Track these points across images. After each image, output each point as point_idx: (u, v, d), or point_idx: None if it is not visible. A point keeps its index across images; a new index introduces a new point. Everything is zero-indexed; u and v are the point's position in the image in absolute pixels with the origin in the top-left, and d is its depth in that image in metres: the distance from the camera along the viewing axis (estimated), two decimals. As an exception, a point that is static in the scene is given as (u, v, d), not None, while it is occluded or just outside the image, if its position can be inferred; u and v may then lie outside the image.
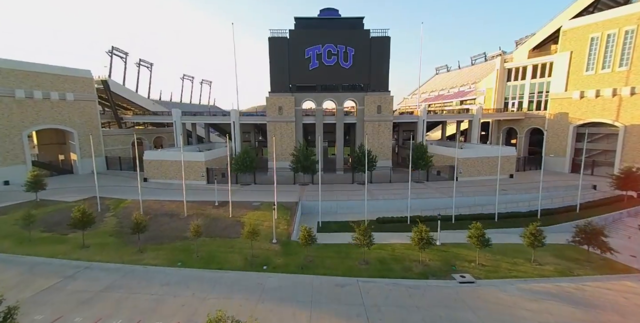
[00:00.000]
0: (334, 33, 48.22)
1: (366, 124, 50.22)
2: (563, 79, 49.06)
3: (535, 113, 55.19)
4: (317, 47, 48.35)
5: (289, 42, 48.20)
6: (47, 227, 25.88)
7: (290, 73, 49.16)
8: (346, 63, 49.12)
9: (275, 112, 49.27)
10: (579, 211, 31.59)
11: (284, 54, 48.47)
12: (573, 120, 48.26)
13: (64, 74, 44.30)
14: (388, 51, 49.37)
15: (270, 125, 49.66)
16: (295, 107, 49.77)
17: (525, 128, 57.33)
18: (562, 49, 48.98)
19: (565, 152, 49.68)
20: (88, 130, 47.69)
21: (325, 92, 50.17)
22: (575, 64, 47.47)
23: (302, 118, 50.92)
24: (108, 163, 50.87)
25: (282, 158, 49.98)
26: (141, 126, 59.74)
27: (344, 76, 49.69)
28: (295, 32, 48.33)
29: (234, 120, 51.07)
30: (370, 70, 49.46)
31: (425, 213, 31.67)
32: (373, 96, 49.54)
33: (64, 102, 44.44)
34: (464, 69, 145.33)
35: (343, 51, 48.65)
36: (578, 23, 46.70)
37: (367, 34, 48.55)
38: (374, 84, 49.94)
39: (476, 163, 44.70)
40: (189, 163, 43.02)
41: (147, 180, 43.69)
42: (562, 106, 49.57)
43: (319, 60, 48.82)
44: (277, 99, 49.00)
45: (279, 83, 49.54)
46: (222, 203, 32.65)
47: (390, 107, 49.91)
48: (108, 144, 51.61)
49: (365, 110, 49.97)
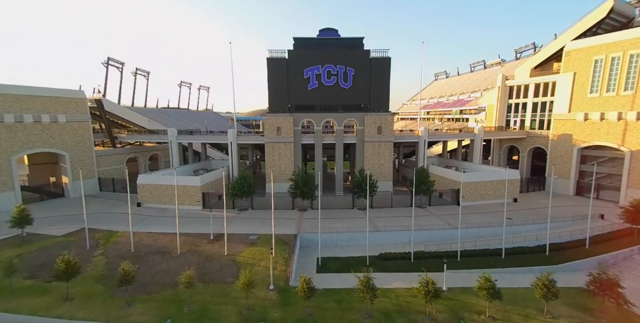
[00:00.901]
0: (333, 53, 47.38)
1: (366, 145, 49.20)
2: (566, 100, 48.30)
3: (538, 132, 54.33)
4: (317, 68, 47.46)
5: (288, 63, 47.29)
6: (31, 272, 24.42)
7: (289, 93, 48.19)
8: (346, 83, 48.23)
9: (274, 132, 48.15)
10: (589, 246, 30.44)
11: (283, 74, 47.54)
12: (577, 142, 47.38)
13: (56, 95, 43.05)
14: (388, 71, 48.55)
15: (268, 146, 48.51)
16: (294, 127, 48.70)
17: (527, 147, 56.44)
18: (565, 70, 48.30)
19: (569, 174, 48.73)
20: (80, 152, 46.35)
21: (325, 112, 49.17)
22: (578, 86, 46.75)
23: (301, 138, 49.83)
24: (101, 185, 49.39)
25: (281, 179, 48.78)
26: (137, 143, 58.37)
27: (344, 96, 48.78)
28: (294, 52, 47.44)
29: (231, 141, 49.86)
30: (371, 91, 48.57)
31: (429, 248, 30.41)
32: (373, 117, 48.56)
33: (56, 124, 43.12)
34: (463, 75, 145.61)
35: (343, 71, 47.79)
36: (581, 44, 46.08)
37: (367, 54, 47.74)
38: (374, 104, 49.01)
39: (479, 187, 43.62)
40: (184, 187, 41.70)
41: (140, 205, 42.26)
42: (566, 127, 48.74)
43: (318, 81, 47.93)
44: (276, 120, 47.92)
45: (278, 103, 48.54)
46: (218, 236, 31.27)
47: (390, 128, 48.93)
48: (101, 165, 50.18)
49: (365, 130, 48.96)
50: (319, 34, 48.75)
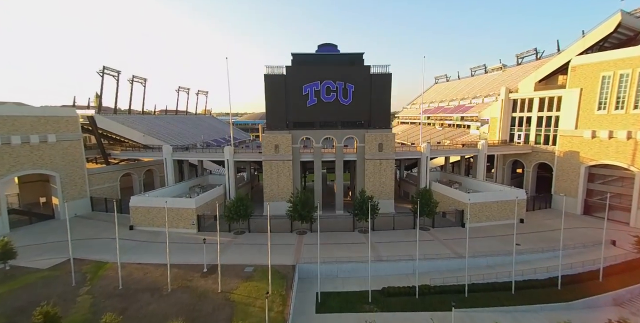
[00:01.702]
0: (332, 69, 46.01)
1: (367, 162, 47.72)
2: (573, 116, 46.90)
3: (543, 148, 52.89)
4: (315, 84, 46.08)
5: (286, 79, 45.91)
6: (9, 317, 22.76)
7: (287, 110, 46.76)
8: (346, 100, 46.83)
9: (272, 150, 46.68)
10: (602, 279, 28.89)
11: (281, 91, 46.14)
12: (584, 160, 45.91)
13: (46, 115, 41.51)
14: (389, 88, 47.19)
15: (266, 164, 47.03)
16: (293, 145, 47.26)
17: (532, 162, 54.98)
18: (571, 85, 46.95)
19: (577, 192, 47.21)
20: (72, 171, 44.77)
21: (324, 129, 47.69)
22: (585, 102, 45.37)
23: (300, 155, 48.37)
24: (93, 204, 47.79)
25: (279, 197, 47.38)
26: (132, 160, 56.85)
27: (344, 113, 47.33)
28: (292, 68, 46.06)
29: (227, 158, 48.36)
30: (371, 107, 47.17)
31: (435, 281, 28.80)
32: (374, 134, 47.12)
33: (45, 144, 41.57)
34: (464, 79, 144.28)
35: (342, 87, 46.41)
36: (588, 60, 44.75)
37: (368, 70, 46.39)
38: (375, 121, 47.59)
39: (485, 208, 42.11)
40: (178, 210, 40.20)
41: (133, 228, 40.69)
42: (572, 144, 47.30)
43: (317, 97, 46.52)
44: (274, 137, 46.47)
45: (276, 120, 47.10)
46: (212, 268, 29.67)
47: (392, 145, 47.46)
48: (94, 183, 48.59)
49: (366, 147, 47.51)
50: (318, 49, 47.39)
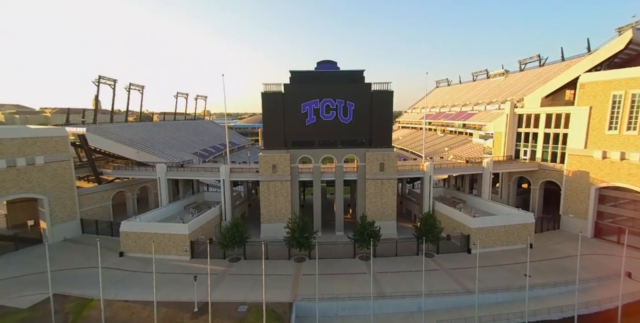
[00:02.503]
0: (332, 87, 44.42)
1: (368, 182, 45.97)
2: (582, 134, 45.14)
3: (551, 165, 51.06)
4: (314, 102, 44.46)
5: (284, 97, 44.32)
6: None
7: (285, 129, 45.10)
8: (346, 118, 45.18)
9: (269, 170, 44.97)
10: (621, 319, 26.94)
11: (279, 109, 44.53)
12: (594, 181, 44.07)
13: (33, 136, 39.88)
14: (390, 106, 45.59)
15: (263, 184, 45.29)
16: (291, 165, 45.55)
17: (539, 180, 53.12)
18: (580, 103, 45.25)
19: (587, 214, 45.31)
20: (61, 193, 43.03)
21: (324, 148, 46.01)
22: (595, 121, 43.64)
23: (298, 175, 46.65)
24: (83, 226, 45.99)
25: (277, 219, 45.64)
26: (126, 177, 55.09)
27: (344, 131, 45.66)
28: (290, 86, 44.49)
29: (223, 178, 46.62)
30: (372, 126, 45.48)
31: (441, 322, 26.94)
32: (375, 153, 45.40)
33: (33, 167, 39.90)
34: (465, 84, 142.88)
35: (342, 106, 44.78)
36: (597, 77, 43.09)
37: (368, 88, 44.78)
38: (376, 139, 45.87)
39: (492, 233, 40.27)
40: (170, 236, 38.39)
41: (123, 255, 38.88)
42: (582, 164, 45.49)
43: (317, 116, 44.89)
44: (271, 157, 44.77)
45: (274, 139, 45.44)
46: (203, 306, 27.81)
47: (394, 165, 45.68)
48: (84, 204, 46.82)
49: (366, 167, 45.77)
50: (317, 67, 45.82)
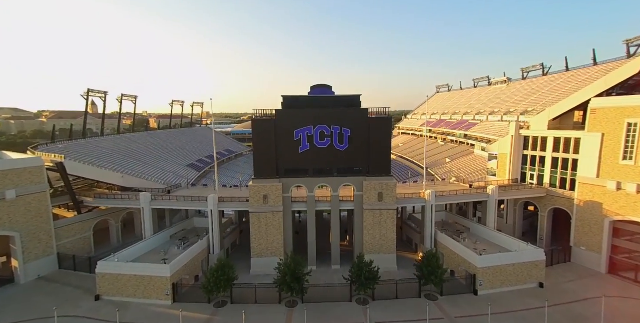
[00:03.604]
0: (327, 113, 41.83)
1: (366, 213, 43.13)
2: (594, 162, 42.29)
3: (560, 192, 48.13)
4: (308, 129, 41.78)
5: (276, 123, 41.68)
6: None
7: (277, 157, 42.40)
8: (341, 145, 42.46)
9: (260, 201, 42.11)
10: None
11: (270, 137, 41.88)
12: (608, 213, 41.10)
13: (4, 168, 37.03)
14: (389, 132, 43.05)
15: (253, 216, 42.40)
16: (284, 194, 42.70)
17: (547, 206, 50.16)
18: (591, 129, 42.48)
19: (600, 248, 42.23)
20: (35, 228, 40.07)
21: (318, 177, 43.23)
22: (608, 149, 40.82)
23: (291, 205, 43.77)
24: (60, 261, 42.87)
25: (268, 253, 42.71)
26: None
27: (340, 159, 42.94)
28: (282, 112, 41.87)
29: (211, 209, 43.67)
30: (370, 153, 42.76)
31: None
32: (373, 182, 42.59)
33: (3, 202, 36.99)
34: (466, 90, 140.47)
35: (338, 132, 42.11)
36: (610, 103, 40.41)
37: (365, 114, 42.15)
38: (374, 167, 43.12)
39: (499, 272, 37.25)
40: (150, 278, 35.33)
41: (99, 298, 35.79)
42: (594, 194, 42.57)
43: (311, 143, 42.20)
44: (262, 187, 41.96)
45: (265, 168, 42.69)
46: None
47: (393, 194, 42.84)
48: (62, 237, 43.81)
49: (364, 197, 42.96)
50: (311, 91, 43.25)
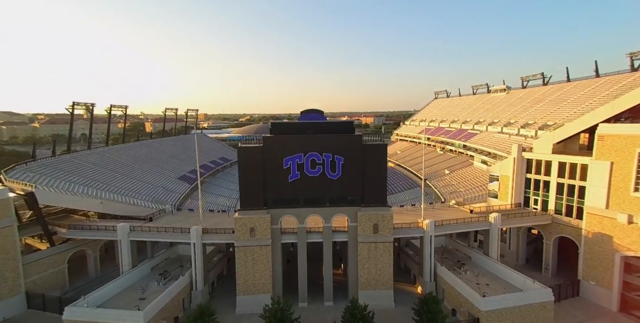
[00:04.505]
0: (318, 139, 39.17)
1: (360, 245, 40.24)
2: (602, 192, 39.67)
3: (566, 220, 45.42)
4: (298, 156, 39.03)
5: (264, 151, 38.89)
6: None
7: (265, 186, 39.54)
8: (334, 174, 39.69)
9: (246, 234, 39.17)
10: None
11: (258, 165, 39.08)
12: (620, 248, 38.38)
13: (-34, 203, 34.05)
14: (384, 159, 40.32)
15: (239, 251, 39.40)
16: (272, 226, 39.75)
17: (552, 234, 47.39)
18: (599, 156, 39.96)
19: (611, 283, 39.40)
20: (0, 266, 36.84)
21: (309, 207, 40.37)
22: (618, 179, 38.24)
23: (280, 237, 40.82)
24: (29, 300, 39.47)
25: (255, 290, 39.63)
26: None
27: (332, 188, 40.16)
28: (270, 139, 39.17)
29: (194, 242, 40.57)
30: (364, 182, 40.00)
31: None
32: (368, 212, 39.80)
33: (-37, 241, 33.88)
34: (465, 96, 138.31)
35: (330, 160, 39.37)
36: (619, 130, 37.96)
37: (359, 140, 39.53)
38: (369, 197, 40.33)
39: (505, 315, 34.27)
40: (123, 325, 32.01)
41: (67, 349, 32.37)
42: (604, 226, 39.88)
43: (301, 171, 39.42)
44: (249, 219, 39.05)
45: (251, 198, 39.79)
46: None
47: (389, 226, 40.04)
48: (32, 273, 40.46)
49: (358, 228, 40.11)
50: (301, 116, 40.58)
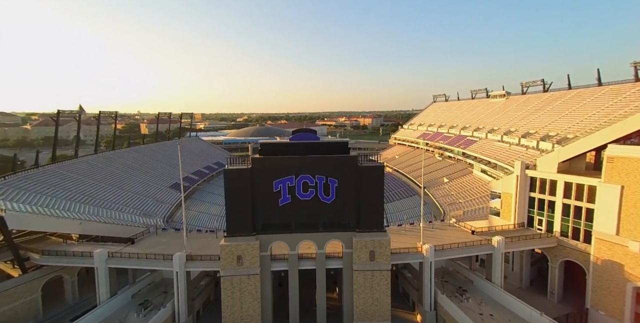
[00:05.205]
0: (311, 161, 36.68)
1: (355, 274, 37.60)
2: (612, 217, 37.37)
3: (573, 243, 43.05)
4: (289, 179, 36.49)
5: (252, 173, 36.31)
6: None
7: (254, 211, 36.91)
8: (327, 197, 37.17)
9: (233, 262, 36.44)
10: None
11: (246, 188, 36.45)
12: (632, 278, 36.00)
13: None
14: (381, 182, 37.74)
15: (225, 281, 36.62)
16: (261, 253, 37.07)
17: (558, 258, 44.97)
18: (609, 179, 37.72)
19: (622, 314, 36.97)
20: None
21: (301, 232, 37.77)
22: (629, 204, 35.97)
23: (270, 265, 38.11)
24: (-4, 337, 36.43)
25: None
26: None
27: (325, 213, 37.62)
28: (260, 161, 36.62)
29: (177, 270, 37.74)
30: (360, 206, 37.50)
31: None
32: (364, 238, 37.24)
33: None
34: (464, 101, 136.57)
35: (323, 183, 36.85)
36: (630, 153, 35.76)
37: (354, 162, 37.04)
38: (365, 222, 37.81)
39: (510, 354, 31.62)
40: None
41: None
42: (614, 253, 37.52)
43: (292, 194, 36.88)
44: (236, 247, 36.36)
45: (239, 224, 37.13)
46: None
47: (386, 253, 37.48)
48: (2, 304, 37.42)
49: (354, 255, 37.52)
50: (292, 137, 38.08)
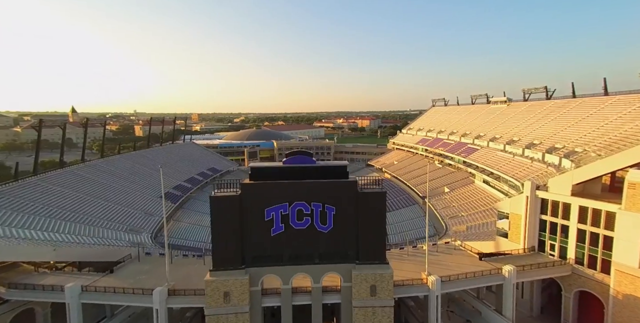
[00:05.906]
0: (306, 186, 33.42)
1: (355, 310, 34.08)
2: (634, 248, 34.32)
3: (589, 273, 39.86)
4: (283, 206, 33.20)
5: (242, 200, 32.98)
6: None
7: (243, 242, 33.49)
8: (324, 226, 33.85)
9: (219, 300, 32.88)
10: None
11: (234, 217, 33.02)
12: (659, 316, 32.84)
13: None
14: (383, 209, 34.50)
15: (210, 320, 33.02)
16: (251, 288, 33.57)
17: (573, 287, 41.72)
18: (630, 206, 34.70)
19: (649, 355, 33.70)
20: None
21: (295, 264, 34.35)
22: (654, 235, 33.01)
23: (261, 301, 34.57)
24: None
25: (230, 365, 32.94)
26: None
27: (322, 243, 34.26)
28: (249, 186, 33.34)
29: (157, 307, 34.09)
30: (360, 235, 34.16)
31: None
32: (364, 271, 33.90)
33: None
34: (463, 106, 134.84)
35: (320, 210, 33.57)
36: (655, 179, 32.94)
37: (353, 187, 33.84)
38: (365, 253, 34.44)
39: None
40: None
41: None
42: (636, 288, 34.34)
43: (285, 223, 33.53)
44: (223, 282, 32.83)
45: (226, 256, 33.59)
46: None
47: (389, 287, 34.09)
48: (-39, 345, 33.67)
49: (353, 290, 34.07)
50: (286, 160, 34.80)
